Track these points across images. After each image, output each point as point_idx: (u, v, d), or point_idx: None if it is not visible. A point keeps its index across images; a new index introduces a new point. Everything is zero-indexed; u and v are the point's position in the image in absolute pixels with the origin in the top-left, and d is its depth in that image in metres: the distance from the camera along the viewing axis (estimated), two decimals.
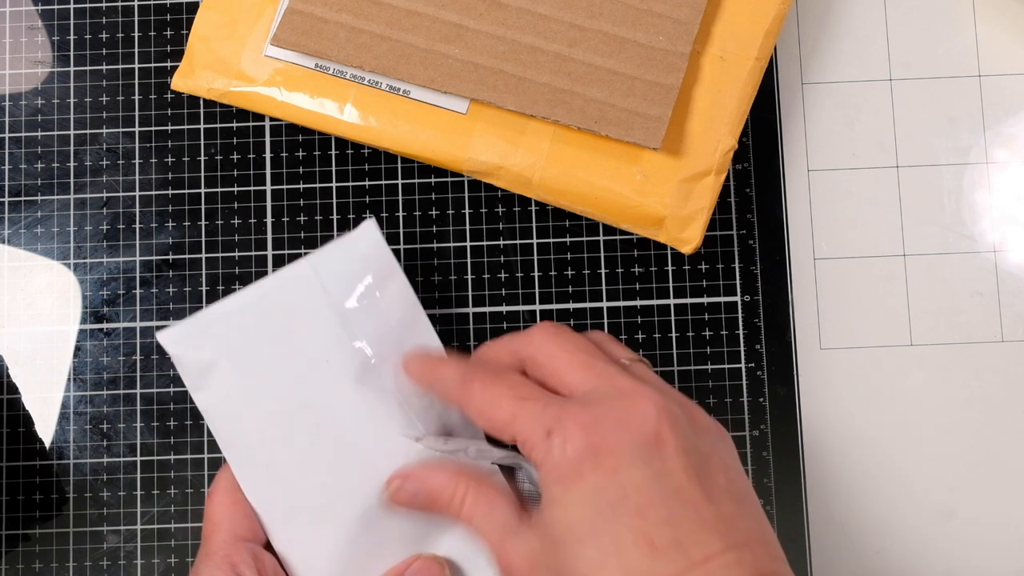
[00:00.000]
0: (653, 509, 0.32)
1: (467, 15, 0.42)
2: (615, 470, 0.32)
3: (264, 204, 0.46)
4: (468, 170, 0.43)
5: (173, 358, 0.38)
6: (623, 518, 0.32)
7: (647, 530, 0.31)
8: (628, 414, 0.33)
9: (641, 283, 0.45)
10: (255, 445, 0.37)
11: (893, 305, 0.45)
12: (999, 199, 0.46)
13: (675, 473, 0.32)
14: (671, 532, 0.31)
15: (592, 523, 0.32)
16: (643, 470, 0.32)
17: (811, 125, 0.46)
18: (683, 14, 0.42)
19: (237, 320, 0.38)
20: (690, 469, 0.32)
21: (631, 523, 0.32)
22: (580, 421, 0.33)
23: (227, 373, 0.37)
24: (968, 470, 0.44)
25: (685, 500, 0.32)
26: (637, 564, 0.31)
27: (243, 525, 0.36)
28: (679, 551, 0.31)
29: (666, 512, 0.32)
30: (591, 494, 0.32)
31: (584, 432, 0.32)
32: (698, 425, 0.34)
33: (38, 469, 0.45)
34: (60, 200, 0.46)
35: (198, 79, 0.44)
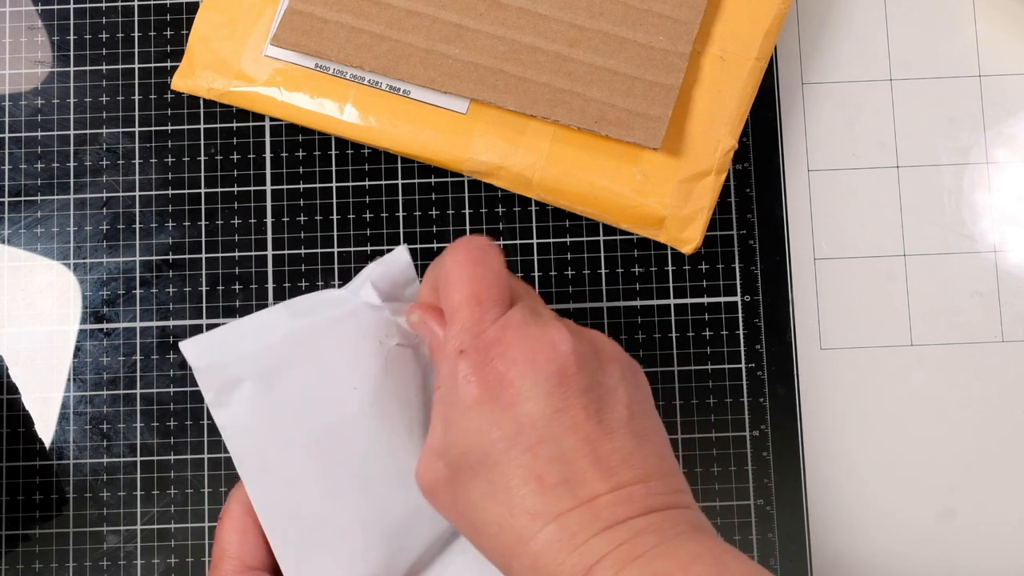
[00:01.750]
0: (545, 446, 0.32)
1: (467, 15, 0.42)
2: (513, 403, 0.32)
3: (264, 204, 0.46)
4: (468, 170, 0.43)
5: (195, 371, 0.36)
6: (514, 453, 0.32)
7: (537, 467, 0.31)
8: (538, 346, 0.33)
9: (641, 283, 0.45)
10: (273, 467, 0.36)
11: (893, 305, 0.45)
12: (999, 199, 0.46)
13: (574, 410, 0.32)
14: (560, 469, 0.31)
15: (485, 454, 0.32)
16: (541, 405, 0.32)
17: (811, 125, 0.46)
18: (683, 14, 0.42)
19: (266, 337, 0.36)
20: (590, 405, 0.32)
21: (521, 459, 0.32)
22: (490, 349, 0.33)
23: (251, 392, 0.36)
24: (968, 470, 0.44)
25: (580, 437, 0.32)
26: (522, 501, 0.31)
27: (252, 554, 0.35)
28: (566, 488, 0.31)
29: (557, 449, 0.32)
30: (487, 424, 0.32)
31: (491, 361, 0.32)
32: (605, 358, 0.34)
33: (38, 469, 0.45)
34: (60, 200, 0.46)
35: (198, 79, 0.44)
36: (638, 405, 0.34)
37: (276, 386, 0.36)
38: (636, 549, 0.31)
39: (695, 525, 0.32)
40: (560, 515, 0.31)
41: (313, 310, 0.37)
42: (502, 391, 0.32)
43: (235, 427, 0.36)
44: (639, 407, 0.34)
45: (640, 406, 0.34)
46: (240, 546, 0.36)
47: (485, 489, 0.32)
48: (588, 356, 0.33)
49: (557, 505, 0.31)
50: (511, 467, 0.32)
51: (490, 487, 0.32)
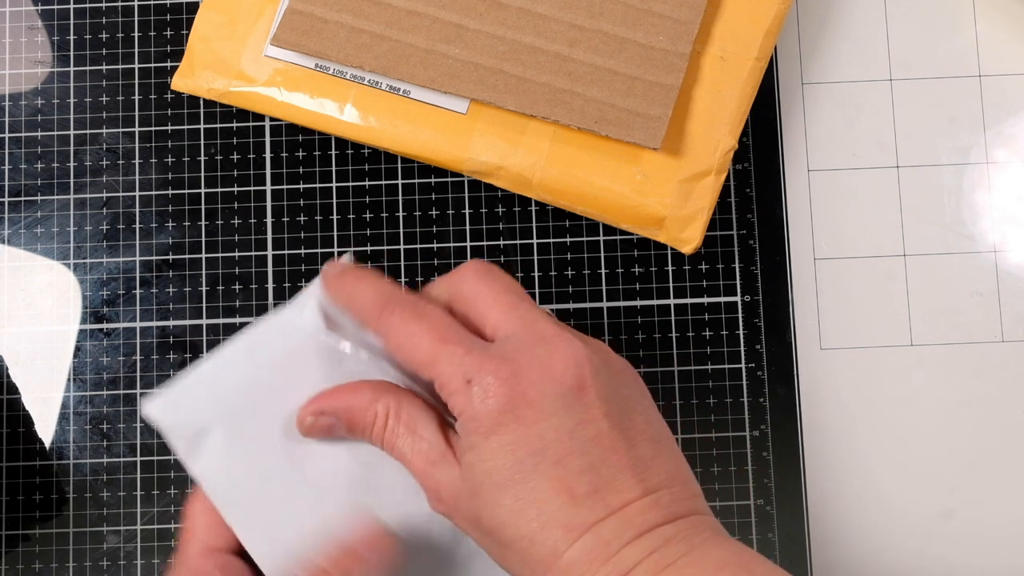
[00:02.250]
0: (572, 458, 0.32)
1: (467, 15, 0.42)
2: (535, 421, 0.32)
3: (264, 204, 0.46)
4: (468, 170, 0.43)
5: (162, 429, 0.35)
6: (542, 467, 0.32)
7: (566, 479, 0.31)
8: (550, 363, 0.32)
9: (641, 283, 0.45)
10: (255, 503, 0.35)
11: (893, 305, 0.45)
12: (999, 199, 0.46)
13: (596, 420, 0.32)
14: (590, 480, 0.31)
15: (511, 472, 0.32)
16: (563, 419, 0.32)
17: (811, 125, 0.46)
18: (683, 14, 0.42)
19: (226, 378, 0.36)
20: (611, 415, 0.32)
21: (550, 472, 0.31)
22: (501, 372, 0.32)
23: (221, 439, 0.35)
24: (968, 470, 0.44)
25: (605, 447, 0.32)
26: (556, 513, 0.31)
27: (215, 534, 0.35)
28: (598, 498, 0.31)
29: (585, 460, 0.32)
30: (511, 444, 0.32)
31: (505, 384, 0.32)
32: (615, 369, 0.34)
33: (38, 469, 0.45)
34: (60, 200, 0.46)
35: (198, 79, 0.44)
36: (650, 413, 0.34)
37: (245, 427, 0.35)
38: (667, 557, 0.31)
39: (717, 530, 0.32)
40: (594, 525, 0.31)
41: (268, 343, 0.36)
42: (524, 410, 0.32)
43: (212, 476, 0.35)
44: (651, 414, 0.34)
45: (651, 413, 0.34)
46: (204, 528, 0.35)
47: (513, 506, 0.32)
48: (600, 365, 0.33)
49: (591, 515, 0.31)
50: (541, 481, 0.32)
51: (519, 503, 0.32)
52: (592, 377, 0.32)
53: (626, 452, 0.32)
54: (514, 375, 0.32)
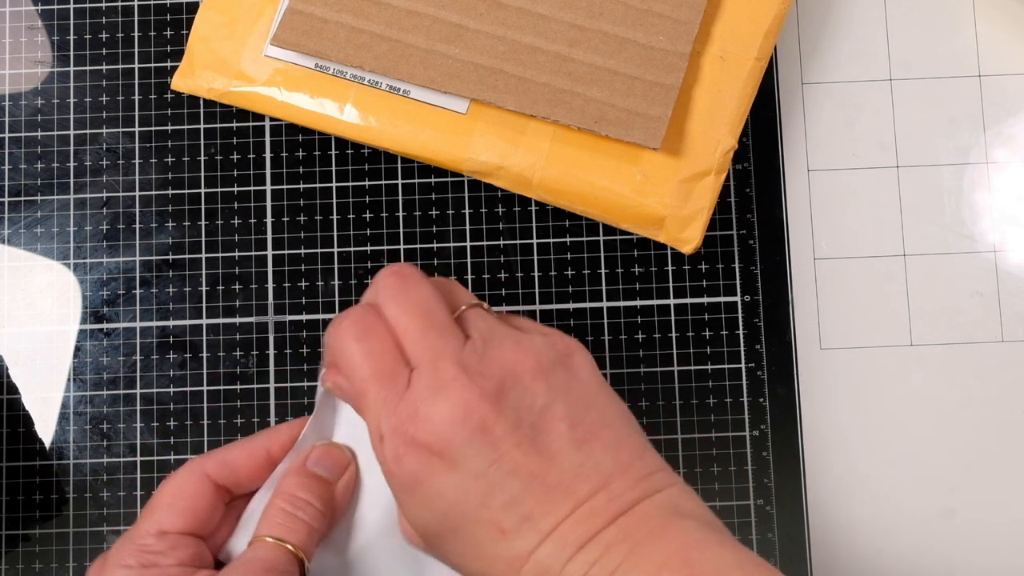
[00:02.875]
0: (494, 497, 0.32)
1: (467, 15, 0.42)
2: (448, 472, 0.32)
3: (264, 204, 0.46)
4: (468, 170, 0.43)
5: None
6: (468, 514, 0.32)
7: (494, 518, 0.32)
8: (452, 410, 0.32)
9: (641, 283, 0.45)
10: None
11: (893, 305, 0.45)
12: (999, 199, 0.46)
13: (508, 454, 0.32)
14: (517, 512, 0.32)
15: (441, 525, 0.32)
16: (477, 461, 0.32)
17: (811, 125, 0.46)
18: (683, 14, 0.42)
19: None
20: (523, 442, 0.32)
21: (477, 516, 0.32)
22: (408, 429, 0.32)
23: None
24: (968, 470, 0.44)
25: (524, 475, 0.32)
26: (494, 552, 0.32)
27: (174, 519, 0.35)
28: (529, 527, 0.31)
29: (507, 495, 0.32)
30: (434, 498, 0.32)
31: (412, 443, 0.32)
32: (527, 378, 0.33)
33: (38, 469, 0.45)
34: (60, 200, 0.46)
35: (198, 79, 0.44)
36: (577, 406, 0.33)
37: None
38: (608, 566, 0.31)
39: (671, 510, 0.32)
40: (531, 554, 0.31)
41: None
42: (435, 463, 0.32)
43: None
44: (579, 406, 0.33)
45: (580, 404, 0.33)
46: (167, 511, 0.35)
47: (460, 549, 0.33)
48: (505, 391, 0.33)
49: (525, 545, 0.31)
50: (472, 526, 0.32)
51: (463, 546, 0.32)
52: (495, 413, 0.32)
53: (548, 471, 0.32)
54: (421, 429, 0.32)
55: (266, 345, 0.45)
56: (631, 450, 0.33)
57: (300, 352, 0.45)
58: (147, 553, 0.34)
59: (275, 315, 0.45)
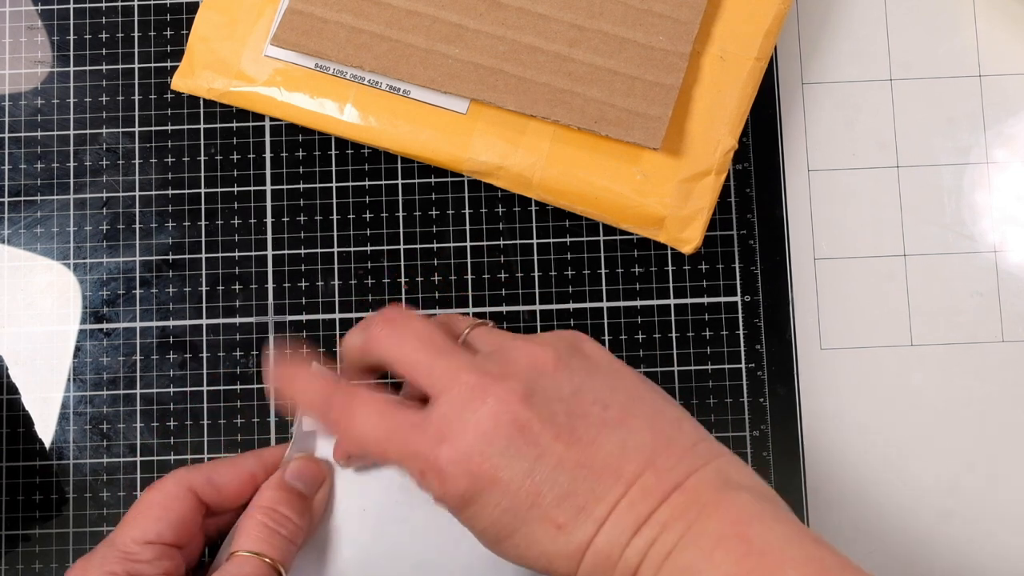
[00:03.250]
0: (544, 494, 0.32)
1: (467, 15, 0.42)
2: (494, 480, 0.32)
3: (264, 204, 0.46)
4: (468, 170, 0.43)
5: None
6: (521, 516, 0.32)
7: (548, 515, 0.32)
8: (484, 419, 0.32)
9: (641, 283, 0.45)
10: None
11: (893, 305, 0.45)
12: (999, 199, 0.46)
13: (549, 447, 0.32)
14: (570, 504, 0.32)
15: (497, 531, 0.33)
16: (521, 463, 0.32)
17: (811, 125, 0.46)
18: (683, 14, 0.42)
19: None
20: (562, 433, 0.32)
21: (531, 515, 0.32)
22: (442, 455, 0.32)
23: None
24: (968, 470, 0.44)
25: (570, 467, 0.32)
26: (550, 548, 0.32)
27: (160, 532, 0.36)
28: (584, 517, 0.31)
29: (558, 490, 0.32)
30: (484, 509, 0.32)
31: (451, 464, 0.32)
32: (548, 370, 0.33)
33: (38, 469, 0.45)
34: (60, 200, 0.46)
35: (198, 79, 0.44)
36: (604, 388, 0.33)
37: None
38: (666, 545, 0.31)
39: (722, 482, 0.32)
40: (590, 543, 0.31)
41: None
42: (479, 476, 0.32)
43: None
44: (606, 388, 0.33)
45: (606, 386, 0.33)
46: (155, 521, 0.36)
47: (516, 552, 0.33)
48: (532, 386, 0.33)
49: (584, 536, 0.31)
50: (528, 526, 0.32)
51: (519, 549, 0.33)
52: (527, 410, 0.32)
53: (593, 457, 0.32)
54: (455, 450, 0.32)
55: (266, 345, 0.45)
56: (669, 422, 0.33)
57: (300, 352, 0.45)
58: (133, 562, 0.35)
59: (275, 315, 0.45)
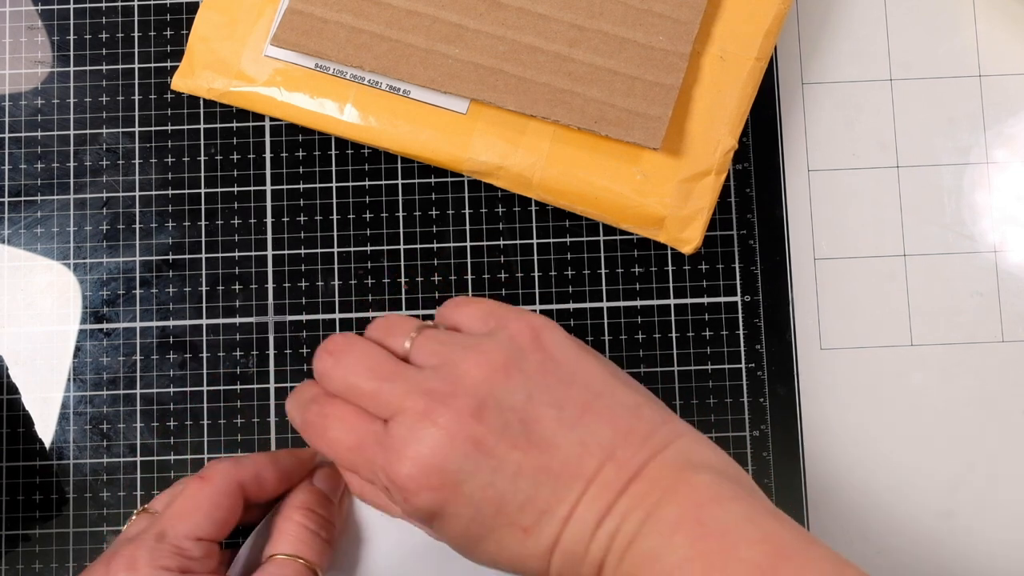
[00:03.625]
0: (507, 501, 0.32)
1: (467, 15, 0.42)
2: (457, 493, 0.32)
3: (264, 204, 0.46)
4: (468, 170, 0.43)
5: None
6: (488, 523, 0.32)
7: (513, 521, 0.32)
8: (437, 438, 0.32)
9: (641, 283, 0.45)
10: None
11: (893, 305, 0.45)
12: (999, 199, 0.46)
13: (507, 456, 0.32)
14: (533, 508, 0.32)
15: (467, 538, 0.33)
16: (480, 475, 0.32)
17: (811, 125, 0.46)
18: (683, 14, 0.42)
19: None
20: (519, 441, 0.32)
21: (497, 523, 0.32)
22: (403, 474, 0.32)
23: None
24: (968, 470, 0.44)
25: (530, 472, 0.32)
26: (520, 551, 0.32)
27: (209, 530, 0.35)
28: (548, 519, 0.32)
29: (520, 496, 0.32)
30: (453, 520, 0.33)
31: (413, 483, 0.32)
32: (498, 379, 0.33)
33: (38, 469, 0.45)
34: (60, 200, 0.46)
35: (198, 79, 0.44)
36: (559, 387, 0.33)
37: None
38: (627, 535, 0.31)
39: (683, 464, 0.32)
40: (557, 542, 0.32)
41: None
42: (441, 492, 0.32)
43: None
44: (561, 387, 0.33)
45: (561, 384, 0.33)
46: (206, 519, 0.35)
47: (491, 555, 0.33)
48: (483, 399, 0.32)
49: (550, 536, 0.32)
50: (495, 533, 0.32)
51: (493, 552, 0.33)
52: (480, 425, 0.32)
53: (552, 460, 0.32)
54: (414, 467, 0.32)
55: (266, 345, 0.45)
56: (627, 412, 0.33)
57: (300, 352, 0.45)
58: (186, 558, 0.34)
59: (275, 315, 0.45)
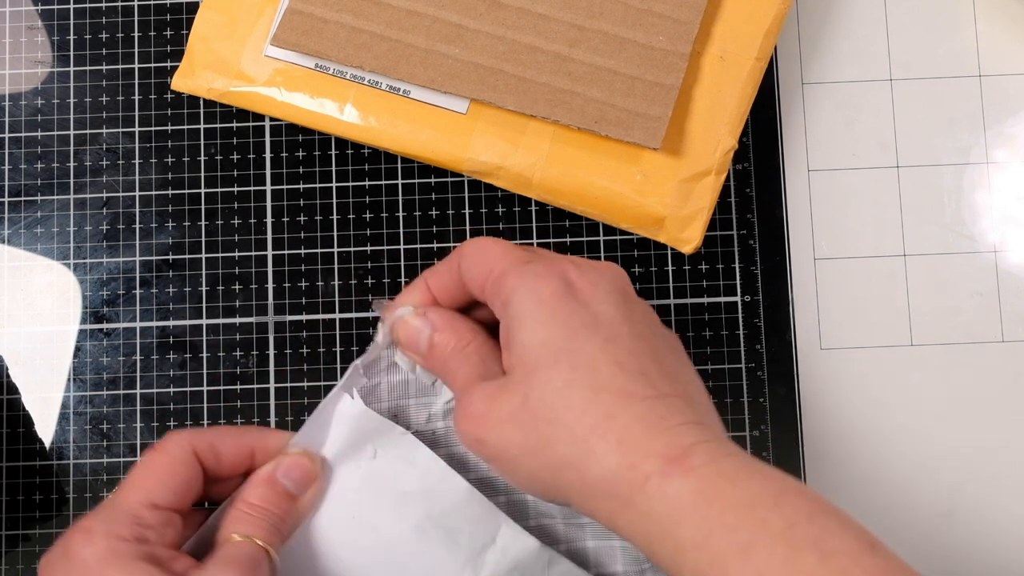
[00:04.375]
0: (622, 341, 0.32)
1: (467, 15, 0.42)
2: (589, 302, 0.33)
3: (264, 204, 0.46)
4: (468, 170, 0.43)
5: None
6: (596, 339, 0.32)
7: (618, 355, 0.32)
8: (601, 269, 0.34)
9: (641, 283, 0.45)
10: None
11: (893, 305, 0.45)
12: (999, 199, 0.46)
13: (639, 323, 0.33)
14: (637, 363, 0.32)
15: (566, 341, 0.32)
16: (615, 310, 0.33)
17: (811, 125, 0.46)
18: (683, 14, 0.42)
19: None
20: (652, 325, 0.34)
21: (603, 346, 0.32)
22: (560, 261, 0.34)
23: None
24: (968, 470, 0.44)
25: (648, 347, 0.33)
26: (610, 381, 0.32)
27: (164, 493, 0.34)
28: (645, 380, 0.32)
29: (634, 347, 0.32)
30: (567, 313, 0.32)
31: (561, 269, 0.33)
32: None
33: (38, 469, 0.45)
34: (60, 200, 0.46)
35: (198, 79, 0.44)
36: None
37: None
38: (721, 449, 0.31)
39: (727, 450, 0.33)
40: (645, 399, 0.31)
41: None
42: (577, 291, 0.33)
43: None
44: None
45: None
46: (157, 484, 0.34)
47: (567, 375, 0.32)
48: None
49: (641, 390, 0.31)
50: (594, 351, 0.32)
51: (573, 372, 0.32)
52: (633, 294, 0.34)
53: (663, 358, 0.33)
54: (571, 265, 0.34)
55: (266, 345, 0.45)
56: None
57: (300, 352, 0.45)
58: (142, 527, 0.33)
59: (275, 315, 0.45)
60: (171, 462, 0.35)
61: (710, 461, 0.30)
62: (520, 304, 0.33)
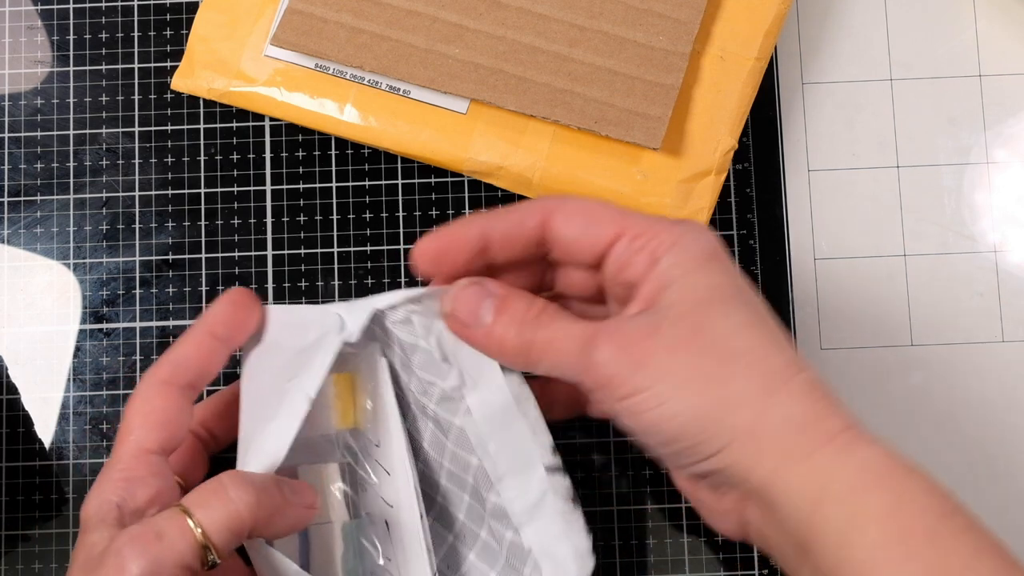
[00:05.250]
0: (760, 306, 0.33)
1: (467, 15, 0.42)
2: (728, 270, 0.33)
3: (264, 204, 0.46)
4: (468, 170, 0.43)
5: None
6: (749, 298, 0.32)
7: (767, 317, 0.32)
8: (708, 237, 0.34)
9: None
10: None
11: (893, 305, 0.45)
12: (999, 199, 0.46)
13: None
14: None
15: (737, 290, 0.32)
16: (744, 279, 0.33)
17: (811, 125, 0.46)
18: (683, 14, 0.42)
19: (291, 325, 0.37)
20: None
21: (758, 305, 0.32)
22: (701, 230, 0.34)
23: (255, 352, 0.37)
24: (968, 470, 0.44)
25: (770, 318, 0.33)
26: (782, 337, 0.31)
27: (149, 436, 0.34)
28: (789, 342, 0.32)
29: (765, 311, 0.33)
30: (720, 276, 0.32)
31: (705, 238, 0.33)
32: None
33: (38, 469, 0.45)
34: (60, 200, 0.46)
35: (198, 79, 0.44)
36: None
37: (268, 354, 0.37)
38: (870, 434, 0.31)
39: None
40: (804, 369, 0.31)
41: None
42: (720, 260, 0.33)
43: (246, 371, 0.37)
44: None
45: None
46: (141, 429, 0.35)
47: (747, 316, 0.32)
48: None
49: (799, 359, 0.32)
50: (757, 305, 0.32)
51: (753, 315, 0.32)
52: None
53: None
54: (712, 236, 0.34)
55: None
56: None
57: None
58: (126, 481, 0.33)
59: None
60: (144, 403, 0.35)
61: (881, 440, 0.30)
62: (682, 254, 0.32)
